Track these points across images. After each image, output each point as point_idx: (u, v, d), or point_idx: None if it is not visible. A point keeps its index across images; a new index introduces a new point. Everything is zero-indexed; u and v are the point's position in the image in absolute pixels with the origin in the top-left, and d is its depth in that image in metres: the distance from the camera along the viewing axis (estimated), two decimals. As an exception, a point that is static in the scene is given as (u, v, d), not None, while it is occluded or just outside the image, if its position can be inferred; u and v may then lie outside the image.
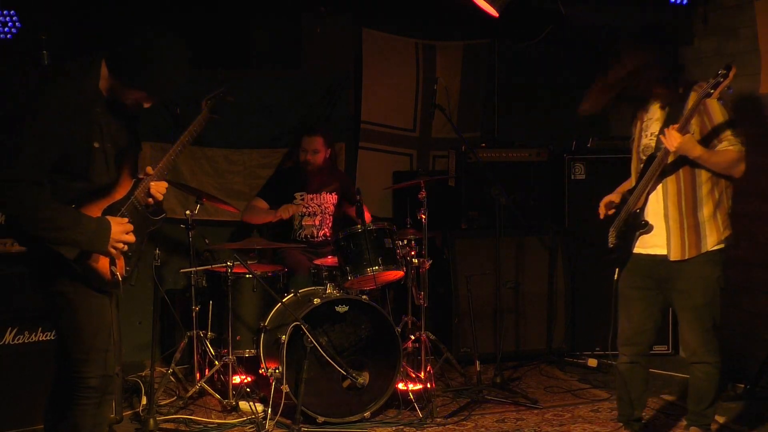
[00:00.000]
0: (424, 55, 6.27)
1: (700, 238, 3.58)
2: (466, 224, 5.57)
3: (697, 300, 3.61)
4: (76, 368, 2.99)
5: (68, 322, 2.98)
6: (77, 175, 2.94)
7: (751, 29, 4.93)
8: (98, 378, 3.00)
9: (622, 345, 3.83)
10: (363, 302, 4.47)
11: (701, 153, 3.47)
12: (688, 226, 3.58)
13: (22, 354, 3.90)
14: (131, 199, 3.08)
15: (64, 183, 2.91)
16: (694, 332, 3.64)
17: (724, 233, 3.61)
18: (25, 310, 3.90)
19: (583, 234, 5.57)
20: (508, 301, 5.38)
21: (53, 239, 2.86)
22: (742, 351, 5.04)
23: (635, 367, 3.81)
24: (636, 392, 3.84)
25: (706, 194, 3.58)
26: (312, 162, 5.33)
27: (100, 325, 3.02)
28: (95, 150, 2.95)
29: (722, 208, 3.61)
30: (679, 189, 3.58)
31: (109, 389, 3.06)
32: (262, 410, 4.34)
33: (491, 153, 5.59)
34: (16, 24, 4.63)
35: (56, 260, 2.89)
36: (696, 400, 3.72)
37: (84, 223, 2.89)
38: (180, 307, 5.12)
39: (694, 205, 3.57)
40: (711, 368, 3.65)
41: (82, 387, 2.99)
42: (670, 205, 3.60)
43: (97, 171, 2.97)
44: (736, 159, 3.53)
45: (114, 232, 2.94)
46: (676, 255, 3.59)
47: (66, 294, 2.95)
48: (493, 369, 5.04)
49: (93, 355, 2.98)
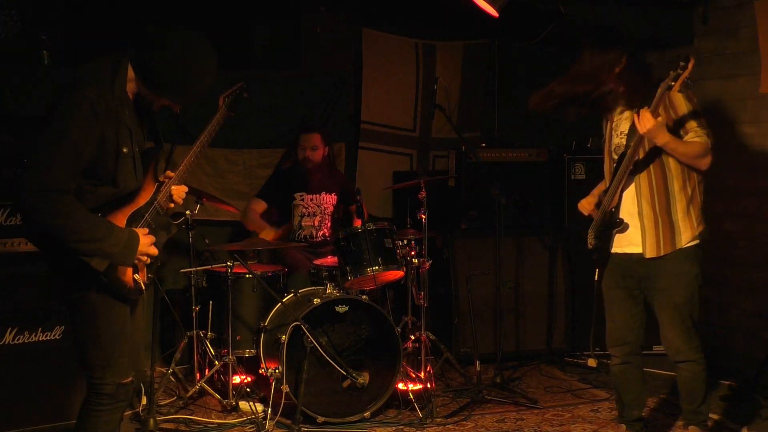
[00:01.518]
0: (424, 55, 6.27)
1: (675, 235, 3.58)
2: (466, 224, 5.57)
3: (676, 298, 3.61)
4: (92, 374, 2.96)
5: (89, 328, 2.93)
6: (105, 181, 2.87)
7: (751, 29, 4.93)
8: (114, 385, 2.96)
9: (611, 346, 3.83)
10: (363, 302, 4.47)
11: (669, 139, 3.46)
12: (663, 222, 3.58)
13: (22, 354, 3.90)
14: (154, 204, 3.03)
15: (90, 189, 2.84)
16: (676, 330, 3.63)
17: (698, 228, 3.60)
18: (25, 310, 3.90)
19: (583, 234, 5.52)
20: (508, 301, 5.38)
21: (86, 251, 2.77)
22: (742, 351, 5.04)
23: (628, 367, 3.80)
24: (633, 392, 3.83)
25: (679, 190, 3.57)
26: (312, 159, 5.33)
27: (119, 333, 2.97)
28: (124, 155, 2.89)
29: (695, 203, 3.61)
30: (651, 186, 3.58)
31: (122, 396, 3.02)
32: (262, 410, 4.34)
33: (491, 153, 5.59)
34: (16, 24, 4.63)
35: (82, 269, 2.81)
36: (688, 399, 3.72)
37: (116, 234, 2.82)
38: (180, 307, 5.12)
39: (667, 202, 3.57)
40: (696, 366, 3.64)
41: (97, 393, 2.96)
42: (643, 203, 3.60)
43: (125, 176, 2.91)
44: (703, 150, 3.51)
45: (141, 244, 2.90)
46: (652, 252, 3.60)
47: (89, 301, 2.89)
48: (493, 369, 5.04)
49: (109, 362, 2.95)
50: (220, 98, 3.41)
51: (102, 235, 2.78)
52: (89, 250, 2.77)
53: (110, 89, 2.84)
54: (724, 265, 5.08)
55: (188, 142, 3.33)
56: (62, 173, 2.71)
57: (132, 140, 2.92)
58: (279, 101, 5.74)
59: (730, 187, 5.08)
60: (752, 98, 4.97)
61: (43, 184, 2.69)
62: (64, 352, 3.95)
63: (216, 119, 3.31)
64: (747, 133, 5.00)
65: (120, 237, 2.83)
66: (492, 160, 5.45)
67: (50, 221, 2.71)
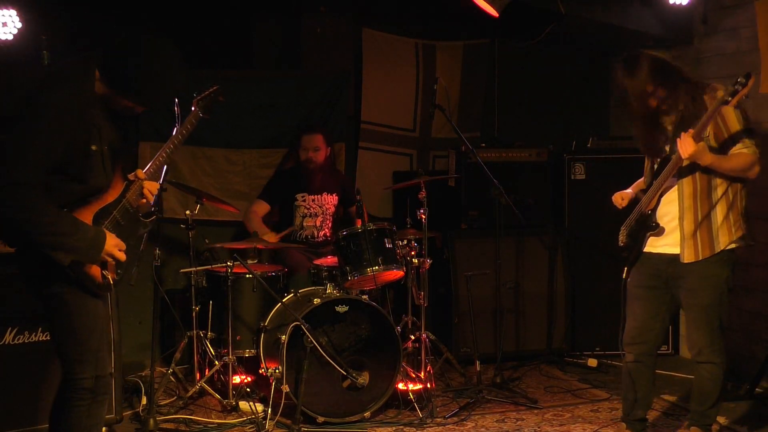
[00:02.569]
0: (424, 55, 6.27)
1: (713, 240, 3.58)
2: (466, 224, 5.57)
3: (704, 299, 3.61)
4: (70, 369, 3.00)
5: (62, 323, 2.98)
6: (73, 178, 2.92)
7: (751, 29, 4.93)
8: (92, 379, 3.00)
9: (627, 344, 3.83)
10: (363, 302, 4.47)
11: (712, 161, 3.47)
12: (702, 228, 3.58)
13: (22, 354, 3.89)
14: (123, 202, 3.08)
15: (58, 185, 2.88)
16: (701, 331, 3.64)
17: (736, 234, 3.61)
18: (25, 310, 3.89)
19: (583, 234, 5.57)
20: (508, 301, 5.37)
21: (52, 245, 2.84)
22: (742, 351, 5.04)
23: (641, 366, 3.80)
24: (641, 392, 3.83)
25: (721, 196, 3.58)
26: (314, 160, 5.33)
27: (93, 327, 3.02)
28: (93, 153, 2.93)
29: (735, 209, 3.61)
30: (694, 192, 3.58)
31: (102, 390, 3.06)
32: (262, 410, 4.34)
33: (491, 153, 5.58)
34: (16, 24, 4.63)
35: (50, 264, 2.87)
36: (700, 400, 3.72)
37: (83, 230, 2.88)
38: (180, 307, 5.12)
39: (709, 209, 3.58)
40: (716, 368, 3.65)
41: (75, 388, 3.00)
42: (685, 208, 3.59)
43: (94, 174, 2.96)
44: (750, 162, 3.52)
45: (107, 245, 2.94)
46: (690, 257, 3.60)
47: (60, 295, 2.95)
48: (493, 369, 5.04)
49: (87, 356, 2.99)
50: (194, 100, 3.45)
51: (67, 230, 2.84)
52: (53, 244, 2.83)
53: (82, 89, 2.89)
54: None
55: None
56: (31, 169, 2.77)
57: (101, 138, 2.96)
58: (279, 101, 5.73)
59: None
60: (752, 98, 4.96)
61: (11, 178, 2.75)
62: (64, 352, 3.95)
63: (188, 120, 3.36)
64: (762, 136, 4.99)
65: (86, 233, 2.89)
66: (492, 160, 5.44)
67: (16, 215, 2.78)
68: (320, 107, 5.87)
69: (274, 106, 5.73)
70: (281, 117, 5.75)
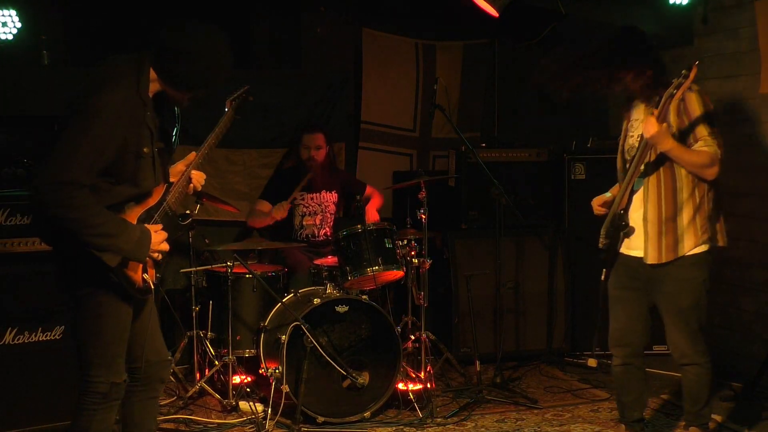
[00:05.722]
0: (424, 55, 6.27)
1: (677, 242, 3.55)
2: (466, 224, 5.57)
3: (682, 303, 3.60)
4: (88, 372, 2.97)
5: (90, 324, 2.95)
6: (124, 180, 2.89)
7: (751, 29, 4.93)
8: (107, 384, 2.97)
9: (613, 347, 3.82)
10: (363, 302, 4.47)
11: (672, 146, 3.45)
12: (666, 229, 3.56)
13: (22, 354, 3.90)
14: (164, 205, 3.07)
15: (107, 187, 2.86)
16: (681, 334, 3.63)
17: (702, 237, 3.56)
18: (25, 310, 3.90)
19: (583, 234, 5.56)
20: (508, 301, 5.37)
21: (100, 246, 2.80)
22: (742, 351, 5.04)
23: (629, 368, 3.79)
24: (634, 394, 3.82)
25: (687, 198, 3.55)
26: (316, 158, 5.34)
27: (120, 334, 3.00)
28: (145, 155, 2.92)
29: (702, 211, 3.57)
30: (659, 191, 3.56)
31: (115, 396, 3.03)
32: (262, 410, 4.34)
33: (491, 153, 5.59)
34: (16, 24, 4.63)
35: (92, 265, 2.84)
36: (691, 401, 3.72)
37: (129, 231, 2.86)
38: (180, 307, 5.11)
39: (674, 210, 3.55)
40: (701, 369, 3.64)
41: (89, 391, 2.98)
42: (649, 209, 3.58)
43: (144, 176, 2.95)
44: (709, 161, 3.48)
45: (153, 242, 2.93)
46: (653, 259, 3.58)
47: (95, 296, 2.91)
48: (493, 369, 5.04)
49: (106, 360, 2.97)
50: (227, 102, 3.44)
51: (116, 230, 2.81)
52: (103, 245, 2.80)
53: (135, 91, 2.87)
54: (723, 265, 5.08)
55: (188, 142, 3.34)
56: (80, 169, 2.73)
57: (152, 141, 2.96)
58: (279, 101, 5.74)
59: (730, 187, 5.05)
60: (752, 98, 4.97)
61: (59, 177, 2.71)
62: (64, 352, 3.95)
63: (223, 122, 3.36)
64: (747, 133, 5.00)
65: (133, 233, 2.87)
66: (492, 160, 5.44)
67: (66, 214, 2.73)
68: (320, 107, 5.87)
69: (274, 106, 5.73)
70: (281, 117, 5.75)
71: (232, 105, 3.44)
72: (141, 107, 2.89)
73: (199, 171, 3.23)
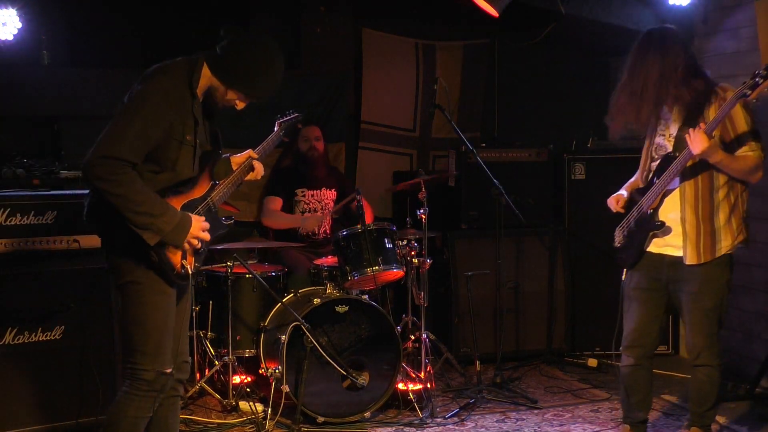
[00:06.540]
0: (424, 55, 6.27)
1: (715, 243, 3.54)
2: (466, 224, 5.57)
3: (707, 303, 3.58)
4: (134, 360, 3.05)
5: (134, 311, 3.04)
6: (165, 166, 3.03)
7: (751, 29, 4.92)
8: (153, 372, 3.04)
9: (626, 347, 3.78)
10: (363, 302, 4.47)
11: (722, 158, 3.43)
12: (704, 231, 3.54)
13: (22, 354, 3.90)
14: (207, 200, 3.20)
15: (150, 176, 2.99)
16: (701, 335, 3.61)
17: (738, 237, 3.58)
18: (25, 310, 3.90)
19: (583, 234, 5.57)
20: (508, 301, 5.38)
21: (141, 223, 2.91)
22: (742, 351, 5.04)
23: (639, 370, 3.77)
24: (640, 395, 3.80)
25: (723, 198, 3.54)
26: (317, 148, 5.39)
27: (163, 324, 3.08)
28: (187, 143, 3.05)
29: (737, 212, 3.58)
30: (696, 194, 3.54)
31: (158, 386, 3.08)
32: (262, 410, 4.34)
33: (491, 153, 5.58)
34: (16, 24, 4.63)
35: (135, 249, 2.96)
36: (698, 402, 3.70)
37: (171, 213, 2.98)
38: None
39: (711, 210, 3.54)
40: (713, 371, 3.63)
41: (136, 378, 3.05)
42: (687, 209, 3.56)
43: (184, 163, 3.07)
44: (755, 165, 3.48)
45: (193, 228, 3.04)
46: (692, 259, 3.55)
47: (139, 284, 3.02)
48: (493, 369, 5.04)
49: (150, 348, 3.04)
50: (277, 122, 3.92)
51: (158, 211, 2.94)
52: (144, 223, 2.92)
53: (186, 81, 3.04)
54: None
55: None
56: (129, 148, 2.88)
57: (196, 131, 3.09)
58: (279, 101, 5.70)
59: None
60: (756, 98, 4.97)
61: (108, 152, 2.86)
62: (64, 352, 3.96)
63: (270, 138, 3.75)
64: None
65: (174, 217, 2.99)
66: (492, 160, 5.43)
67: (111, 189, 2.87)
68: (320, 107, 5.87)
69: (274, 106, 5.70)
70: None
71: (281, 126, 3.85)
72: (189, 97, 3.04)
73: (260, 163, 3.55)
